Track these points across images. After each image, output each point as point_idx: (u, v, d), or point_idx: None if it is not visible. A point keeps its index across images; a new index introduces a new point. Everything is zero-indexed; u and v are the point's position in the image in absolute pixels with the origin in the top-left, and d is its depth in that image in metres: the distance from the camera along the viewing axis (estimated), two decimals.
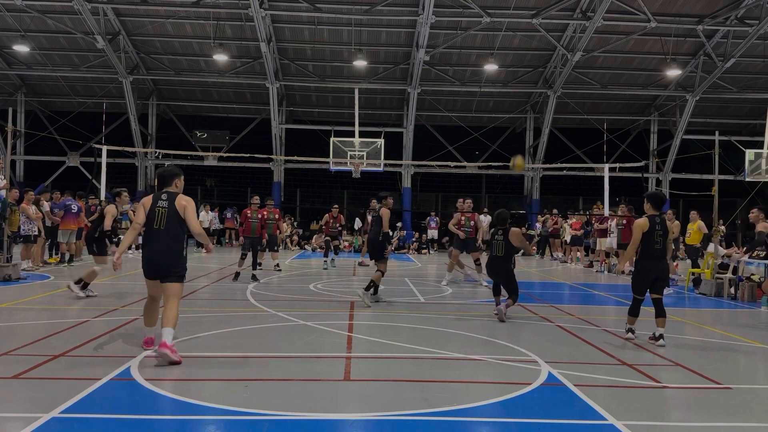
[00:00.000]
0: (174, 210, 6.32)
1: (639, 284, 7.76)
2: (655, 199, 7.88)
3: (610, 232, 18.47)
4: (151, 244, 6.38)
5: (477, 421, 4.80)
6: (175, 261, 6.32)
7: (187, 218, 6.33)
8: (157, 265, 6.32)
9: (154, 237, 6.34)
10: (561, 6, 21.50)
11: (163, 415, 4.70)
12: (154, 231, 6.35)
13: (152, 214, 6.34)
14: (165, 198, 6.38)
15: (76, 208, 16.38)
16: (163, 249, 6.30)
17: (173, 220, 6.32)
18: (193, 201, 6.47)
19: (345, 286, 13.24)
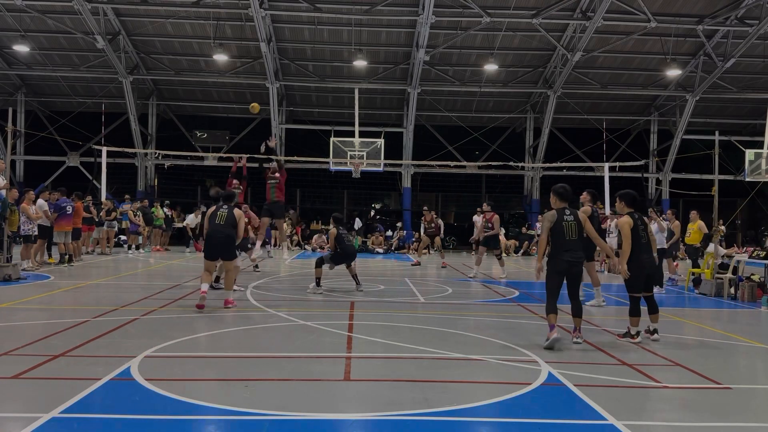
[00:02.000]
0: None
1: (635, 281, 7.72)
2: (629, 198, 8.15)
3: (609, 232, 18.47)
4: None
5: (477, 421, 4.80)
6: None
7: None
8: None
9: None
10: (561, 6, 21.49)
11: (163, 415, 4.71)
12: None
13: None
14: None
15: (70, 209, 16.31)
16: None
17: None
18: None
19: (345, 286, 13.24)
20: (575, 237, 7.36)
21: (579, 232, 7.41)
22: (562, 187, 7.64)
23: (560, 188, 7.63)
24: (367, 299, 11.13)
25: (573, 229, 7.37)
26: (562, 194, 7.58)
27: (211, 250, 9.81)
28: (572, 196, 7.61)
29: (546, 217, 7.47)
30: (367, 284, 13.02)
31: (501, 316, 9.60)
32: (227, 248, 9.79)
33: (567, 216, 7.41)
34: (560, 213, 7.44)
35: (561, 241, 7.33)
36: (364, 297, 11.37)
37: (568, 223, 7.37)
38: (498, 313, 9.83)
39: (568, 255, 7.27)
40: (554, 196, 7.62)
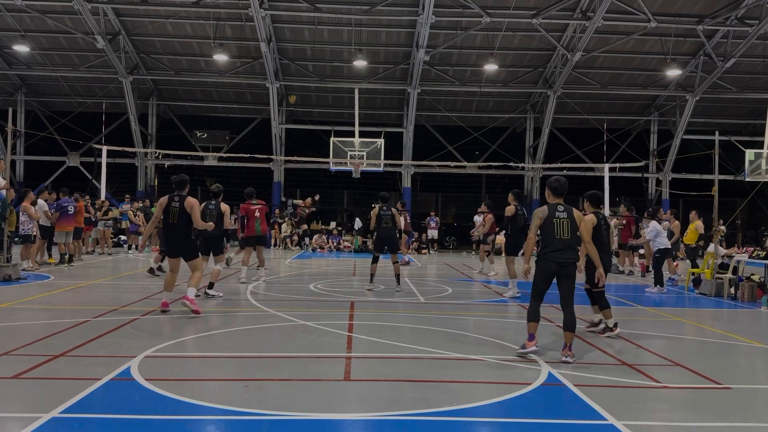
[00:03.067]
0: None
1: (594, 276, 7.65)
2: (594, 198, 8.33)
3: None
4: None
5: (477, 421, 4.80)
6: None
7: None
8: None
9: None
10: (561, 6, 21.49)
11: (163, 415, 4.70)
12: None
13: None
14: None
15: (72, 209, 16.31)
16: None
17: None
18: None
19: (345, 286, 13.24)
20: (567, 236, 6.73)
21: (572, 230, 6.78)
22: (557, 181, 7.00)
23: (554, 182, 7.00)
24: (367, 299, 11.13)
25: (565, 227, 6.75)
26: (557, 189, 6.97)
27: (168, 247, 9.19)
28: (566, 191, 7.03)
29: (536, 213, 6.92)
30: (367, 284, 13.02)
31: (501, 316, 9.60)
32: (184, 248, 8.97)
33: (560, 212, 6.80)
34: (552, 209, 6.84)
35: (550, 239, 6.72)
36: (364, 297, 11.37)
37: (560, 220, 6.75)
38: (498, 313, 9.83)
39: (557, 255, 6.66)
40: (548, 191, 7.06)
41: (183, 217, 8.75)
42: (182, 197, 8.80)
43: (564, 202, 7.00)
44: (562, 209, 6.86)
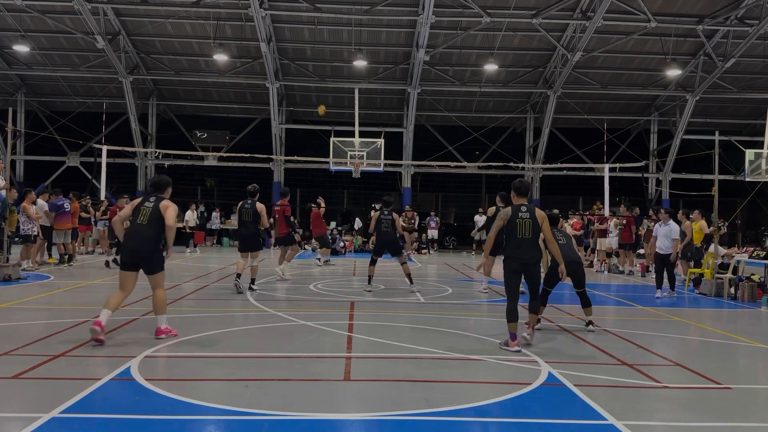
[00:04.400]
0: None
1: (554, 278, 8.24)
2: (516, 189, 7.83)
3: (609, 232, 18.49)
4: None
5: (477, 421, 4.80)
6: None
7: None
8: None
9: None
10: (561, 6, 21.49)
11: (163, 415, 4.70)
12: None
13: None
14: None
15: (68, 206, 16.26)
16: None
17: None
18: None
19: (345, 286, 13.24)
20: (529, 235, 7.05)
21: (533, 230, 7.08)
22: (519, 182, 7.37)
23: (517, 183, 7.36)
24: (367, 299, 11.13)
25: (527, 227, 7.06)
26: (519, 189, 7.30)
27: (126, 256, 7.33)
28: (530, 191, 7.45)
29: (500, 214, 7.24)
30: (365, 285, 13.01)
31: (501, 316, 9.56)
32: (148, 256, 7.22)
33: (522, 213, 7.12)
34: (515, 209, 7.15)
35: (513, 239, 7.06)
36: (364, 297, 11.37)
37: (523, 220, 7.06)
38: (498, 313, 9.82)
39: (520, 253, 7.04)
40: (512, 192, 7.36)
41: (154, 219, 7.30)
42: (159, 198, 7.54)
43: (528, 203, 7.33)
44: (525, 209, 7.17)
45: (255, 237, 11.77)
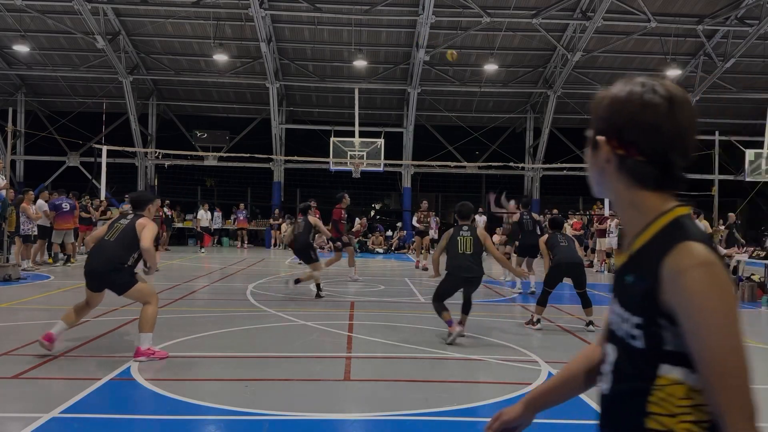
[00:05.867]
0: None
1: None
2: (460, 213, 8.50)
3: (609, 232, 18.49)
4: None
5: (477, 421, 4.80)
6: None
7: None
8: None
9: None
10: (561, 6, 21.49)
11: (163, 415, 4.70)
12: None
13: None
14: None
15: (67, 206, 16.21)
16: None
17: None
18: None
19: (345, 286, 13.24)
20: (470, 251, 7.65)
21: (475, 246, 7.67)
22: (461, 206, 8.11)
23: (459, 206, 8.13)
24: (367, 299, 11.13)
25: (468, 243, 7.70)
26: (460, 212, 8.02)
27: (85, 276, 6.64)
28: (472, 213, 8.11)
29: (444, 235, 8.05)
30: (367, 284, 13.02)
31: (501, 316, 9.60)
32: (105, 277, 6.46)
33: (464, 232, 7.77)
34: (457, 229, 7.86)
35: (454, 254, 7.69)
36: (365, 297, 11.37)
37: (464, 237, 7.73)
38: (498, 313, 9.83)
39: (461, 271, 7.61)
40: (456, 215, 8.15)
41: (124, 237, 6.47)
42: (137, 216, 6.67)
43: (471, 224, 7.95)
44: (466, 229, 7.83)
45: (306, 250, 11.53)
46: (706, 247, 1.37)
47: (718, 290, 1.35)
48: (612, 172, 1.50)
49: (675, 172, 1.47)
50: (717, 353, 1.36)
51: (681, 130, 1.45)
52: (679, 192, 1.49)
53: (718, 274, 1.35)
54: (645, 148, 1.45)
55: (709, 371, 1.36)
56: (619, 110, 1.48)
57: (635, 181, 1.47)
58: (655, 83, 1.48)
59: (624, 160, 1.46)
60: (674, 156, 1.45)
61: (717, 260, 1.36)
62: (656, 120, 1.44)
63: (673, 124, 1.44)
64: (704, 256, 1.36)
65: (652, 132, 1.44)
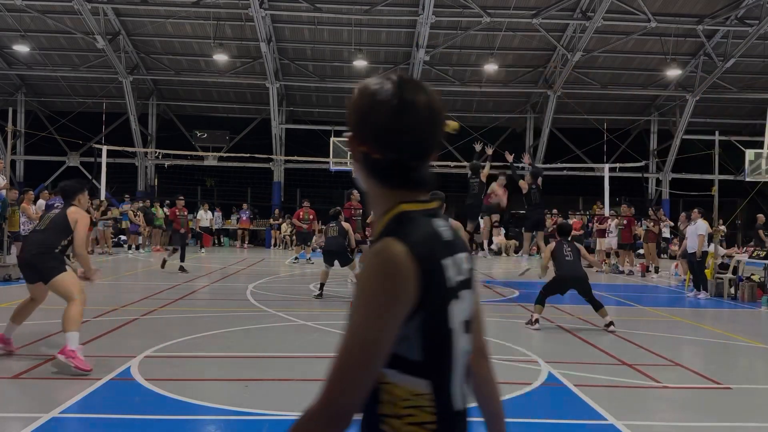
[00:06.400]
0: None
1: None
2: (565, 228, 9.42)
3: (609, 232, 18.49)
4: None
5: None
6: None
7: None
8: None
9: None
10: (561, 6, 21.49)
11: (163, 415, 4.70)
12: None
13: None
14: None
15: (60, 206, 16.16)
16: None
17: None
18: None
19: (345, 285, 13.23)
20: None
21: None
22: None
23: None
24: None
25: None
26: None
27: (20, 267, 6.56)
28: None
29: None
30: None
31: (501, 316, 9.60)
32: (32, 263, 6.25)
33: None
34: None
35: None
36: None
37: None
38: (498, 313, 9.83)
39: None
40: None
41: (54, 225, 6.23)
42: (67, 205, 6.34)
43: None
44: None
45: (344, 253, 11.72)
46: (403, 245, 1.36)
47: (380, 281, 1.34)
48: (360, 168, 1.53)
49: (411, 171, 1.47)
50: (348, 338, 1.35)
51: (414, 130, 1.45)
52: (423, 189, 1.50)
53: (388, 267, 1.34)
54: (379, 147, 1.46)
55: (338, 349, 1.36)
56: (355, 109, 1.50)
57: (376, 177, 1.49)
58: (389, 81, 1.48)
59: (366, 157, 1.48)
60: (407, 155, 1.46)
61: (400, 257, 1.35)
62: (384, 120, 1.44)
63: (404, 124, 1.44)
64: (387, 250, 1.36)
65: (381, 131, 1.45)
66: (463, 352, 1.49)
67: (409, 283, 1.35)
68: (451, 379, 1.44)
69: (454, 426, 1.45)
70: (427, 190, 1.51)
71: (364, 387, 1.35)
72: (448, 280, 1.43)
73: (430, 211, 1.49)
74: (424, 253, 1.38)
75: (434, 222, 1.48)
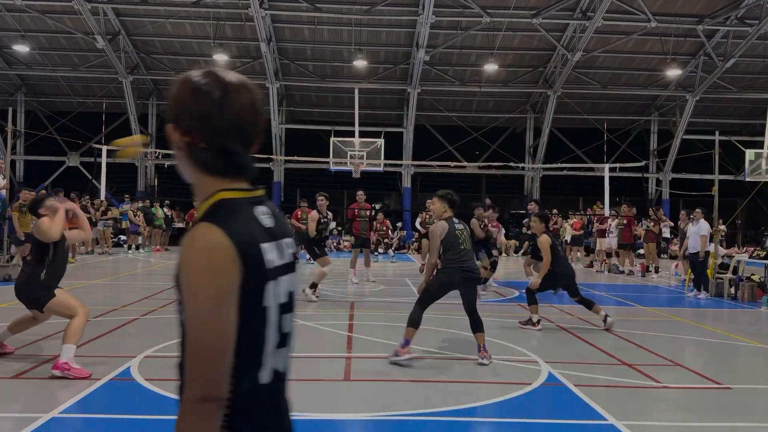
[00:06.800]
0: None
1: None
2: (544, 217, 8.96)
3: (609, 232, 18.49)
4: None
5: (477, 421, 4.80)
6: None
7: None
8: None
9: None
10: (561, 6, 21.49)
11: (163, 415, 4.70)
12: None
13: None
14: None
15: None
16: None
17: None
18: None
19: (345, 286, 13.24)
20: (469, 246, 6.68)
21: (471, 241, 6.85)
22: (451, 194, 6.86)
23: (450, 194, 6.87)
24: (367, 299, 11.13)
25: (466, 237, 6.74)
26: (453, 201, 6.83)
27: (16, 294, 6.27)
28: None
29: (434, 231, 6.64)
30: (367, 284, 13.01)
31: (501, 316, 9.59)
32: (21, 291, 6.12)
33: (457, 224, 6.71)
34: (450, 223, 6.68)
35: (457, 250, 6.55)
36: (365, 297, 11.37)
37: (460, 231, 6.66)
38: (498, 313, 9.82)
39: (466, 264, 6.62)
40: (447, 204, 6.80)
41: (33, 251, 6.06)
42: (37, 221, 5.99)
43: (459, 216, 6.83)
44: (458, 222, 6.74)
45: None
46: (220, 230, 1.42)
47: (208, 269, 1.39)
48: (183, 158, 1.56)
49: (236, 159, 1.52)
50: (196, 331, 1.40)
51: (236, 118, 1.51)
52: (245, 177, 1.55)
53: (211, 254, 1.40)
54: (203, 136, 1.51)
55: (188, 342, 1.42)
56: (177, 99, 1.55)
57: (201, 167, 1.53)
58: (212, 72, 1.54)
59: (191, 147, 1.52)
60: (232, 143, 1.51)
61: (220, 243, 1.40)
62: (207, 108, 1.49)
63: (227, 113, 1.50)
64: (205, 236, 1.42)
65: (204, 120, 1.50)
66: (282, 332, 1.55)
67: (232, 266, 1.41)
68: (261, 357, 1.50)
69: (261, 399, 1.51)
70: (249, 178, 1.57)
71: (226, 370, 1.41)
72: (267, 263, 1.49)
73: (252, 199, 1.55)
74: (241, 237, 1.44)
75: (255, 209, 1.54)
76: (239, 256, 1.42)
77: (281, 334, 1.55)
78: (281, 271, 1.54)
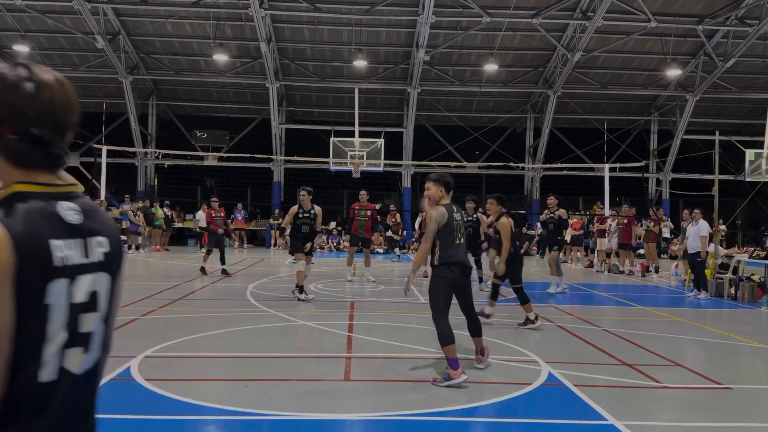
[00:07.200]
0: None
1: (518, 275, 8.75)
2: (501, 199, 8.84)
3: (609, 232, 18.49)
4: None
5: (477, 421, 4.80)
6: None
7: None
8: None
9: None
10: (561, 6, 21.49)
11: (163, 415, 4.70)
12: None
13: None
14: None
15: None
16: None
17: None
18: None
19: (345, 286, 13.24)
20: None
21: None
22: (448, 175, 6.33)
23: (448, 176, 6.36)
24: (367, 299, 11.13)
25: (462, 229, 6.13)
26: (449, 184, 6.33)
27: None
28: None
29: (433, 217, 6.02)
30: (367, 284, 13.01)
31: (501, 316, 9.59)
32: None
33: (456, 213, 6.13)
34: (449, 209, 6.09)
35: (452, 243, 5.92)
36: (364, 297, 11.37)
37: (458, 222, 6.07)
38: (498, 314, 9.82)
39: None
40: (444, 189, 6.30)
41: None
42: None
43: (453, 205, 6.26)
44: (456, 210, 6.20)
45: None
46: (0, 223, 1.41)
47: None
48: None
49: (48, 150, 1.53)
50: None
51: (47, 110, 1.53)
52: (50, 170, 1.55)
53: None
54: (13, 127, 1.51)
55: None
56: None
57: (11, 159, 1.53)
58: (20, 65, 1.55)
59: (2, 139, 1.52)
60: (44, 134, 1.52)
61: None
62: (17, 100, 1.51)
63: (38, 105, 1.52)
64: None
65: (15, 111, 1.50)
66: (77, 331, 1.52)
67: (6, 260, 1.39)
68: (41, 355, 1.46)
69: (35, 398, 1.48)
70: (54, 171, 1.56)
71: (4, 371, 1.39)
72: (57, 260, 1.46)
73: (54, 194, 1.54)
74: (23, 232, 1.42)
75: (58, 204, 1.52)
76: (16, 249, 1.39)
77: (76, 333, 1.51)
78: (81, 270, 1.52)
